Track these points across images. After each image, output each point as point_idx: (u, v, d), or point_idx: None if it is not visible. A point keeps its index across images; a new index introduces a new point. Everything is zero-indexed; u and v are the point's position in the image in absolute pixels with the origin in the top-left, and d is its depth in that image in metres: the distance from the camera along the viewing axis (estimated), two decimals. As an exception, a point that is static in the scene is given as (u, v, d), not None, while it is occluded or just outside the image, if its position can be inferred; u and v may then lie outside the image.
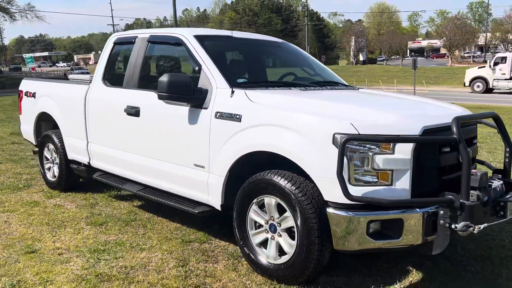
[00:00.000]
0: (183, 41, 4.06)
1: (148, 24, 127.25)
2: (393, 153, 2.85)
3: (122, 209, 5.01)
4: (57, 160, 5.70)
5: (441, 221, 2.82)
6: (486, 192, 2.95)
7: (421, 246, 2.93)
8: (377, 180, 2.87)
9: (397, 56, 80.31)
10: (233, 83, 3.62)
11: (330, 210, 2.90)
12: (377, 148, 2.84)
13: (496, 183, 3.14)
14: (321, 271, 3.15)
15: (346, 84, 4.59)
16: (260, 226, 3.38)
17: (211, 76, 3.70)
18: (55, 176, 5.83)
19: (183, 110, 3.78)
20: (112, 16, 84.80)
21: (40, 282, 3.28)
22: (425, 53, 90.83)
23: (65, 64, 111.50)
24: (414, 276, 3.34)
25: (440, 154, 3.03)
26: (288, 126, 3.08)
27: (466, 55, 76.12)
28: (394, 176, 2.86)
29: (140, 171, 4.35)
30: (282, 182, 3.10)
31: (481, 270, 3.44)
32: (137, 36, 4.59)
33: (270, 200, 3.23)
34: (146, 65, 4.47)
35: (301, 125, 3.03)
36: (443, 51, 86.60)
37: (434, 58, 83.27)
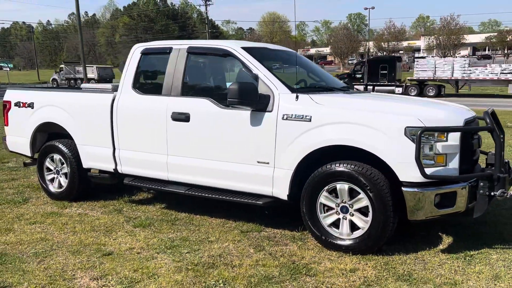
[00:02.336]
0: (232, 53, 4.50)
1: (29, 28, 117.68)
2: (447, 140, 3.69)
3: (153, 212, 5.22)
4: (66, 170, 5.67)
5: (481, 191, 3.71)
6: (505, 167, 3.93)
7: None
8: (434, 162, 3.68)
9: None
10: (292, 89, 4.20)
11: (405, 188, 3.64)
12: (435, 137, 3.65)
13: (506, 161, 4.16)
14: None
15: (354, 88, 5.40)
16: (330, 209, 4.00)
17: (271, 83, 4.22)
18: (61, 187, 5.77)
19: (245, 114, 4.25)
20: (-11, 19, 77.27)
21: (147, 276, 3.52)
22: (313, 60, 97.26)
23: None
24: (449, 239, 4.22)
25: (472, 140, 3.95)
26: (362, 123, 3.76)
27: (350, 61, 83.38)
28: (448, 158, 3.70)
29: (188, 172, 4.66)
30: (357, 170, 3.76)
31: (490, 231, 4.44)
32: (171, 47, 4.89)
33: (343, 186, 3.87)
34: (190, 74, 4.79)
35: (375, 121, 3.73)
36: (329, 58, 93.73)
37: (323, 65, 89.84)
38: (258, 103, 4.15)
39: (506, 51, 56.18)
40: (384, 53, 76.28)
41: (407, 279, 3.41)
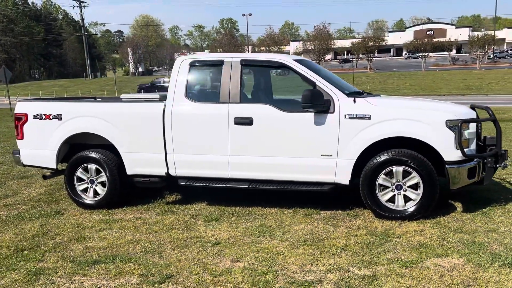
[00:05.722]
0: (287, 65, 5.32)
1: None
2: (469, 129, 5.02)
3: (206, 209, 5.69)
4: (103, 179, 5.81)
5: (489, 164, 5.13)
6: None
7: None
8: (461, 145, 4.99)
9: (166, 67, 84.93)
10: (346, 93, 5.18)
11: (448, 166, 4.87)
12: (461, 126, 4.95)
13: (494, 142, 5.66)
14: (429, 208, 5.08)
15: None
16: (385, 188, 5.07)
17: (329, 89, 5.13)
18: (97, 195, 5.89)
19: (307, 115, 5.10)
20: None
21: (274, 254, 4.16)
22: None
23: None
24: (458, 204, 5.58)
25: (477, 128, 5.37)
26: (413, 118, 4.91)
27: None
28: (470, 142, 5.04)
29: (252, 168, 5.31)
30: (411, 155, 4.89)
31: (479, 196, 5.93)
32: (223, 60, 5.48)
33: (398, 169, 4.97)
34: (245, 83, 5.43)
35: (423, 117, 4.90)
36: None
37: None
38: (324, 106, 5.04)
39: (368, 55, 63.98)
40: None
41: (462, 231, 4.63)
